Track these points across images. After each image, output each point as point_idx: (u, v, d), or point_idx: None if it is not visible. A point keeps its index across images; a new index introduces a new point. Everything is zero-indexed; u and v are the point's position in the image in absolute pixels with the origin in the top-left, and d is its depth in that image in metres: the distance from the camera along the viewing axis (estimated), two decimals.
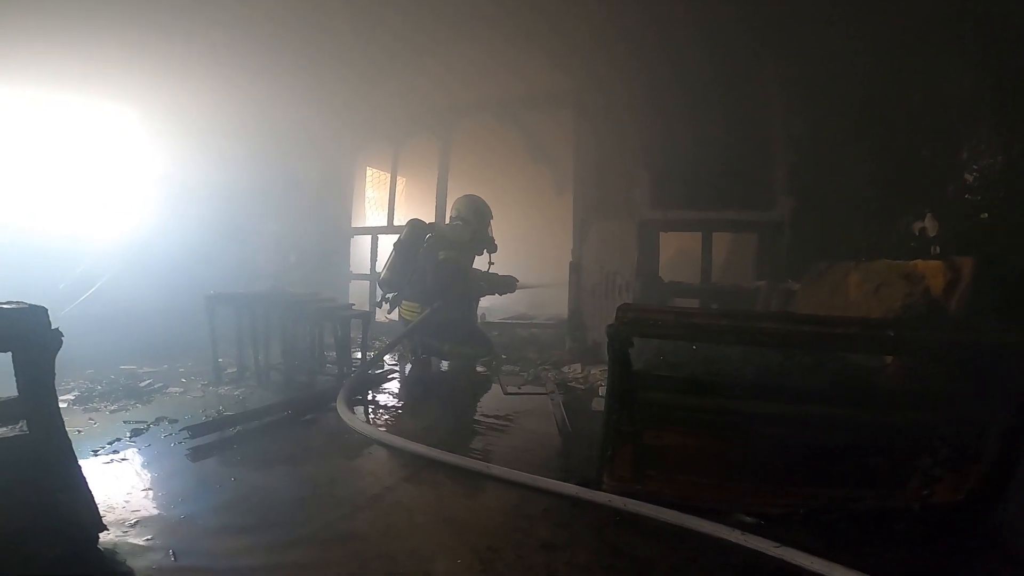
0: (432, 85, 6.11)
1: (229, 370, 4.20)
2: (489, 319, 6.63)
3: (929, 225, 2.86)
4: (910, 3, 2.85)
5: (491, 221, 5.01)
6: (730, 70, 4.38)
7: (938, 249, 2.73)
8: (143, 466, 2.54)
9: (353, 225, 6.88)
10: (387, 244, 6.64)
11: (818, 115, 3.99)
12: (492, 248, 4.97)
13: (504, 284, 5.00)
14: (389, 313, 4.96)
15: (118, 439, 2.80)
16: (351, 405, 3.46)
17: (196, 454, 2.70)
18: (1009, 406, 1.81)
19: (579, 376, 4.56)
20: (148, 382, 3.94)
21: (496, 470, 2.52)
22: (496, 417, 3.60)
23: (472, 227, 4.78)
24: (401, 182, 9.02)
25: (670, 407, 2.36)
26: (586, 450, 2.96)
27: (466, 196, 4.96)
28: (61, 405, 1.79)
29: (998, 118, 2.29)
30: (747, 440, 2.27)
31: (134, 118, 5.99)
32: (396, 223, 6.60)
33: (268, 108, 6.22)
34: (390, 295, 4.88)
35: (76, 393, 3.59)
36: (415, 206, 7.67)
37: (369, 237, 6.55)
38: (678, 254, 5.74)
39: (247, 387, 3.93)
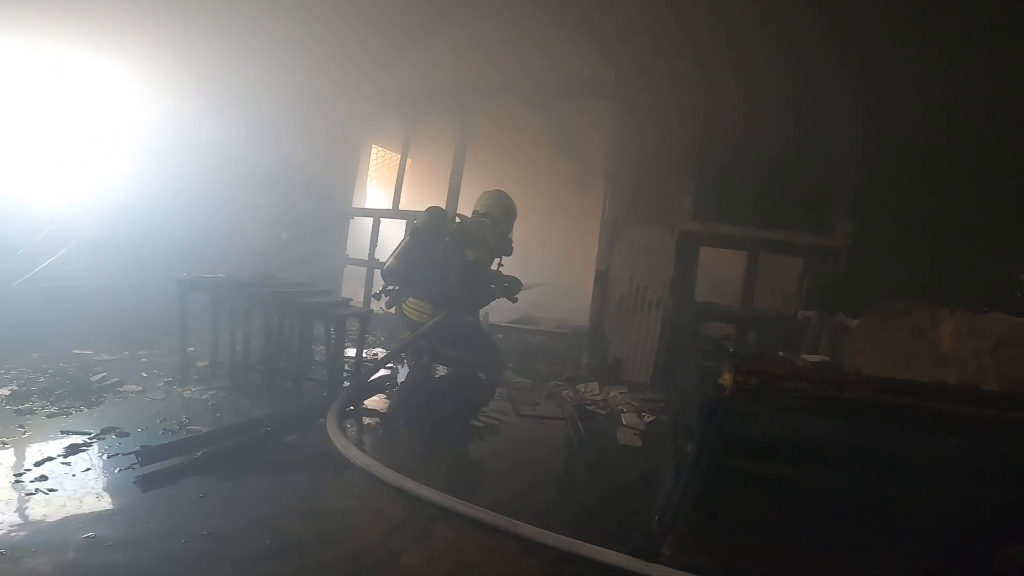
0: (457, 60, 5.52)
1: (200, 363, 3.62)
2: (492, 320, 6.13)
3: None
4: None
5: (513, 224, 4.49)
6: (800, 76, 3.89)
7: None
8: (77, 499, 1.98)
9: (354, 205, 6.28)
10: (390, 229, 6.11)
11: (899, 134, 3.53)
12: (508, 251, 4.44)
13: (513, 287, 4.49)
14: (388, 308, 4.37)
15: (49, 458, 2.23)
16: (344, 423, 2.93)
17: (147, 483, 2.16)
18: None
19: (597, 398, 4.09)
20: (101, 376, 3.34)
21: (529, 530, 2.04)
22: (512, 444, 3.12)
23: (500, 228, 4.24)
24: (408, 165, 8.40)
25: (755, 475, 1.92)
26: (622, 499, 2.53)
27: (496, 192, 4.40)
28: None
29: None
30: (845, 513, 1.86)
31: (122, 74, 5.32)
32: (402, 207, 6.02)
33: (268, 72, 5.59)
34: (391, 287, 4.30)
35: (13, 387, 2.98)
36: (420, 191, 7.10)
37: (370, 220, 5.96)
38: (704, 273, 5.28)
39: (219, 389, 3.36)
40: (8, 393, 2.87)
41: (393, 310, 4.39)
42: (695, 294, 4.19)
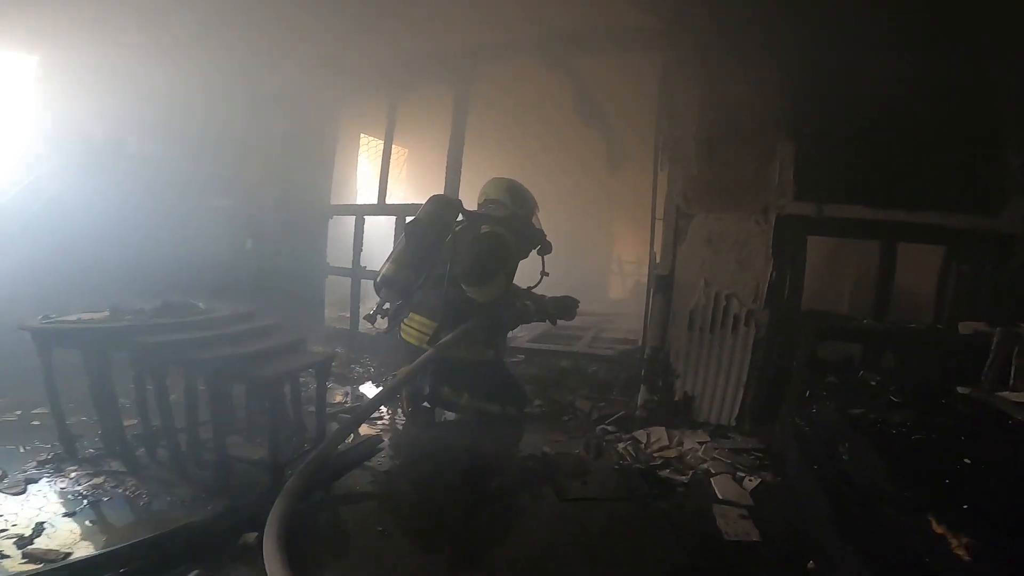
0: (450, 18, 4.39)
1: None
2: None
3: None
4: None
5: (537, 212, 3.34)
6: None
7: None
8: None
9: (334, 202, 5.14)
10: (376, 228, 4.99)
11: None
12: (545, 246, 3.28)
13: (561, 308, 3.31)
14: (388, 331, 3.22)
15: None
16: (296, 532, 1.76)
17: None
18: None
19: (667, 452, 2.91)
20: None
21: None
22: (563, 561, 1.93)
23: (517, 215, 3.15)
24: (401, 154, 7.27)
25: None
26: None
27: (500, 179, 3.31)
28: None
29: None
30: None
31: (31, 67, 4.26)
32: (392, 202, 4.86)
33: (226, 51, 4.51)
34: (387, 305, 3.10)
35: None
36: (419, 183, 5.95)
37: (354, 219, 4.81)
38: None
39: (108, 475, 2.21)
40: None
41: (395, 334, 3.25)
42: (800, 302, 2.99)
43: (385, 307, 3.09)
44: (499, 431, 3.10)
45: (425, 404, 3.16)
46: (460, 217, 3.04)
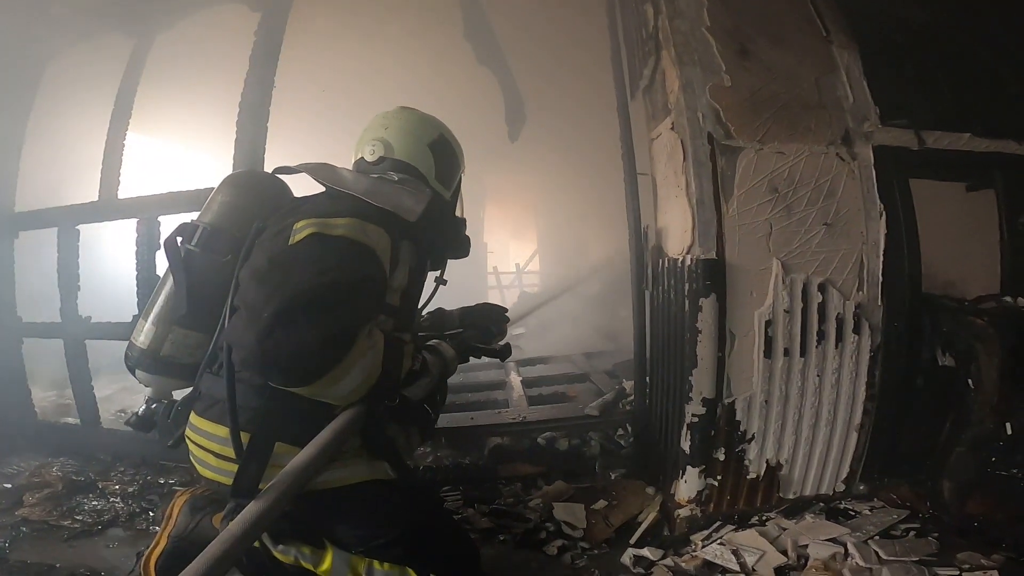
0: None
1: None
2: None
3: None
4: None
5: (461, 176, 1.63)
6: None
7: None
8: None
9: (26, 207, 2.71)
10: (100, 241, 2.76)
11: None
12: (463, 244, 1.55)
13: (492, 324, 1.64)
14: (172, 445, 1.36)
15: None
16: None
17: None
18: None
19: None
20: None
21: None
22: None
23: (429, 189, 1.40)
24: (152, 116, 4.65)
25: None
26: None
27: (405, 113, 1.49)
28: None
29: None
30: None
31: None
32: (130, 194, 2.57)
33: None
34: (158, 395, 1.37)
35: None
36: (192, 170, 3.70)
37: (55, 232, 2.50)
38: None
39: None
40: None
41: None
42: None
43: (152, 402, 1.38)
44: None
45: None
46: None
